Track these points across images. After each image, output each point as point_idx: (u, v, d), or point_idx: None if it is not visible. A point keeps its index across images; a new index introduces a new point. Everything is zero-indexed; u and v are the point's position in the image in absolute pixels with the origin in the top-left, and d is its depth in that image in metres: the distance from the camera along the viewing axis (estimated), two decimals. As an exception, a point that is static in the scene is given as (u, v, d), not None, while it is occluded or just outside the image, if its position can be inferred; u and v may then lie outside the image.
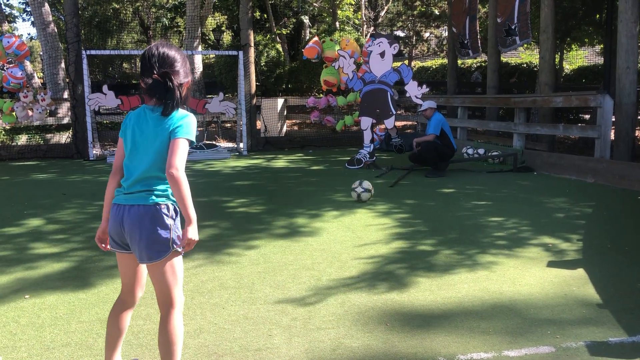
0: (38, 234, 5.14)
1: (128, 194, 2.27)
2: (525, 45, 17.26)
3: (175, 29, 23.73)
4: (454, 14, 13.98)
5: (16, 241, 4.91)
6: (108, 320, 2.46)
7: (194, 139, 2.28)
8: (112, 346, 2.45)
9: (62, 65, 14.33)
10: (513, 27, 11.08)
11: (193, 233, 2.24)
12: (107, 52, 14.73)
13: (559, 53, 15.83)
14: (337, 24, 19.46)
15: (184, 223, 2.24)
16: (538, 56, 11.67)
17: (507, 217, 5.61)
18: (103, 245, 2.41)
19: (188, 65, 2.36)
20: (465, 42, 13.38)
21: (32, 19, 14.47)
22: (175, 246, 2.28)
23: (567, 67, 18.33)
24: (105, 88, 10.94)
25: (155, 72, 2.23)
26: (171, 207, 2.30)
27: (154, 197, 2.25)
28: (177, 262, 2.33)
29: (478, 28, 13.12)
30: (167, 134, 2.23)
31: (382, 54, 9.26)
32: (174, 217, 2.31)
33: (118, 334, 2.45)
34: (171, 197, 2.29)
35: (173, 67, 2.27)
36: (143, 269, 2.41)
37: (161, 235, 2.24)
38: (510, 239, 4.81)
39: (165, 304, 2.32)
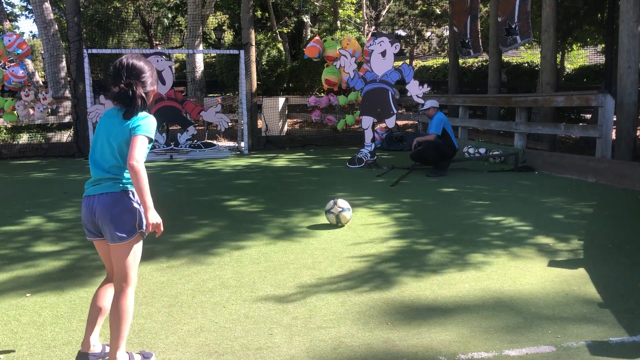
0: (39, 233, 5.15)
1: (96, 185, 2.54)
2: (527, 45, 17.25)
3: (177, 28, 23.73)
4: (456, 14, 13.97)
5: (17, 239, 4.91)
6: (92, 298, 2.67)
7: (152, 137, 2.53)
8: (91, 322, 2.65)
9: (64, 64, 14.34)
10: (513, 26, 11.07)
11: (153, 217, 2.48)
12: (108, 50, 14.70)
13: (560, 52, 15.82)
14: (339, 23, 19.44)
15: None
16: (539, 55, 11.66)
17: (508, 217, 5.61)
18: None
19: (155, 75, 2.66)
20: (467, 41, 13.38)
21: (34, 17, 14.47)
22: (140, 229, 2.54)
23: (569, 66, 18.32)
24: (102, 98, 10.98)
25: (122, 81, 2.51)
26: (137, 194, 2.51)
27: (120, 185, 2.53)
28: (139, 245, 2.60)
29: (479, 27, 13.12)
30: (128, 132, 2.49)
31: (384, 53, 9.26)
32: (139, 202, 2.53)
33: (97, 311, 2.65)
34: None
35: (139, 77, 2.55)
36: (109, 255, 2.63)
37: (129, 218, 2.51)
38: (511, 239, 4.81)
39: (121, 281, 2.56)
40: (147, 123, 2.51)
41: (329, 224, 5.38)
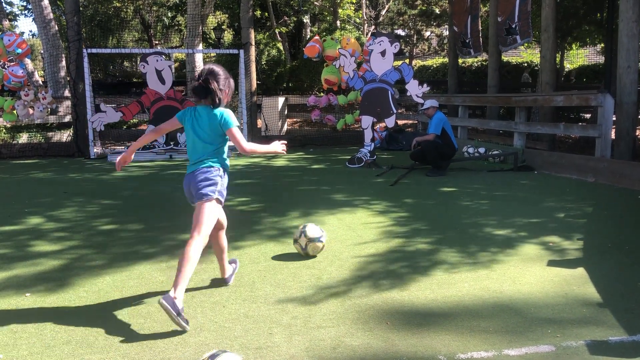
0: (39, 232, 5.15)
1: (193, 165, 3.33)
2: (526, 45, 17.25)
3: (176, 28, 23.73)
4: (456, 13, 13.97)
5: (17, 239, 4.91)
6: (212, 244, 3.51)
7: (238, 123, 3.36)
8: (220, 258, 3.64)
9: (63, 63, 14.33)
10: (514, 26, 11.07)
11: (275, 146, 3.52)
12: (108, 50, 14.74)
13: (560, 52, 15.82)
14: (338, 22, 19.45)
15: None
16: (539, 55, 11.66)
17: (508, 216, 5.61)
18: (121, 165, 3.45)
19: (230, 83, 3.43)
20: (467, 41, 13.38)
21: (33, 16, 14.47)
22: (218, 195, 3.29)
23: (568, 66, 18.33)
24: (102, 106, 11.02)
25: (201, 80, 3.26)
26: (221, 169, 3.34)
27: (209, 162, 3.31)
28: (216, 208, 3.32)
29: (480, 27, 13.12)
30: (217, 125, 3.28)
31: (383, 53, 9.26)
32: (222, 176, 3.33)
33: (220, 250, 3.60)
34: (222, 163, 3.36)
35: (216, 78, 3.29)
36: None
37: (209, 185, 3.26)
38: (511, 238, 4.82)
39: (194, 231, 3.20)
40: (230, 115, 3.30)
41: (329, 222, 5.38)
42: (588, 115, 13.82)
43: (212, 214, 3.27)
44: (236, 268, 3.87)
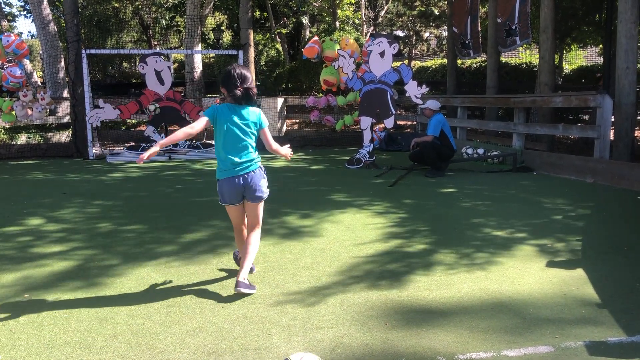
0: (38, 233, 5.14)
1: (244, 166, 3.58)
2: (525, 45, 17.27)
3: (175, 28, 23.73)
4: (455, 14, 13.98)
5: (16, 240, 4.91)
6: (243, 242, 3.77)
7: (268, 123, 3.71)
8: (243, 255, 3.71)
9: (62, 64, 14.33)
10: (514, 27, 11.08)
11: (285, 150, 3.88)
12: (106, 51, 14.72)
13: (559, 53, 15.84)
14: (337, 23, 19.45)
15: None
16: (538, 56, 11.67)
17: (507, 217, 5.62)
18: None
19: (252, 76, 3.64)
20: (467, 42, 13.39)
21: (32, 17, 14.47)
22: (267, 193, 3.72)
23: (567, 67, 18.35)
24: (101, 102, 11.02)
25: (238, 86, 3.50)
26: (263, 168, 3.70)
27: (258, 163, 3.65)
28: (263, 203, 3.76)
29: (479, 28, 13.13)
30: (257, 123, 3.61)
31: (382, 54, 9.27)
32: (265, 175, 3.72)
33: (246, 248, 3.69)
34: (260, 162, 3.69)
35: (251, 83, 3.55)
36: (243, 211, 3.73)
37: (265, 186, 3.69)
38: (510, 239, 4.82)
39: (256, 225, 3.73)
40: (264, 117, 3.66)
41: (328, 223, 5.38)
42: (587, 117, 13.83)
43: (263, 209, 3.77)
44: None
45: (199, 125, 3.50)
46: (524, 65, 17.55)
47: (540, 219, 5.55)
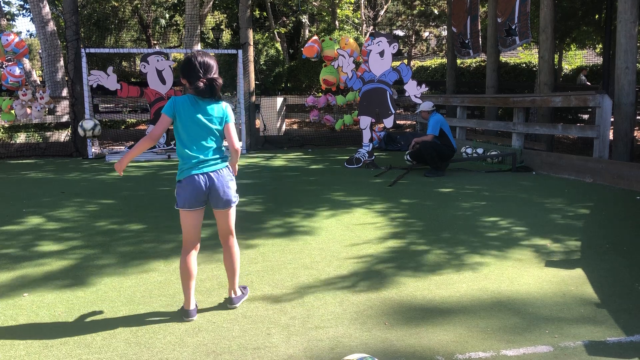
0: (37, 232, 5.14)
1: (207, 164, 3.15)
2: (525, 45, 17.28)
3: (175, 28, 23.71)
4: (455, 14, 13.98)
5: (15, 239, 4.90)
6: (185, 268, 3.19)
7: (234, 118, 3.26)
8: (187, 287, 3.20)
9: (61, 63, 14.32)
10: (513, 27, 11.07)
11: (235, 166, 3.36)
12: (106, 50, 14.70)
13: (558, 53, 15.84)
14: (337, 23, 19.46)
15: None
16: (537, 56, 11.67)
17: (506, 217, 5.62)
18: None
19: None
20: (466, 41, 13.39)
21: (31, 16, 14.45)
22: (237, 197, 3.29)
23: (566, 67, 18.35)
24: (110, 70, 10.95)
25: (201, 77, 3.06)
26: (230, 170, 3.29)
27: (223, 162, 3.22)
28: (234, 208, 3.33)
29: (479, 27, 13.13)
30: (222, 118, 3.17)
31: (382, 53, 9.26)
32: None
33: (190, 277, 3.19)
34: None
35: (215, 71, 3.13)
36: (201, 221, 3.25)
37: (233, 189, 3.25)
38: (509, 239, 4.82)
39: (229, 235, 3.33)
40: (231, 112, 3.22)
41: (328, 222, 5.38)
42: (586, 116, 13.84)
43: (235, 215, 3.37)
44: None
45: (159, 127, 3.10)
46: (524, 65, 17.55)
47: (540, 218, 5.56)
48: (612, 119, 8.33)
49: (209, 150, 3.14)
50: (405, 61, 24.07)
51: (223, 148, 3.23)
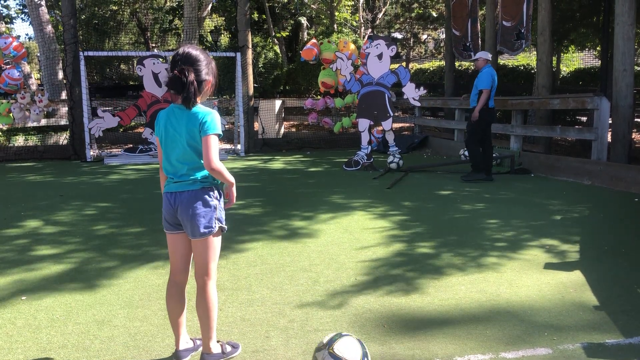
0: (35, 236, 5.13)
1: (177, 182, 2.62)
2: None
3: (174, 31, 23.71)
4: (456, 17, 14.00)
5: (13, 243, 4.89)
6: (168, 303, 2.77)
7: (221, 132, 2.58)
8: (177, 324, 2.76)
9: (60, 66, 14.31)
10: (522, 30, 11.08)
11: (233, 192, 2.73)
12: (104, 53, 14.72)
13: (556, 55, 15.86)
14: (335, 25, 19.47)
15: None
16: (535, 58, 11.68)
17: (504, 219, 5.62)
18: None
19: (213, 67, 2.65)
20: (468, 44, 13.41)
21: (30, 19, 14.46)
22: (219, 223, 2.65)
23: (564, 69, 18.38)
24: (100, 111, 11.12)
25: (176, 68, 2.52)
26: (215, 190, 2.66)
27: (199, 183, 2.61)
28: (218, 240, 2.70)
29: (479, 30, 13.17)
30: (197, 129, 2.54)
31: (380, 56, 9.28)
32: (218, 198, 2.66)
33: (179, 314, 2.76)
34: (214, 180, 2.65)
35: (193, 65, 2.54)
36: (185, 250, 2.74)
37: (207, 214, 2.60)
38: (508, 241, 4.82)
39: (203, 275, 2.69)
40: (213, 119, 2.56)
41: (326, 225, 5.38)
42: (584, 119, 13.85)
43: (217, 248, 2.71)
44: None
45: (158, 150, 2.72)
46: (522, 68, 17.58)
47: (538, 221, 5.56)
48: (610, 121, 8.35)
49: (182, 167, 2.60)
50: (404, 64, 24.10)
51: (198, 167, 2.61)
